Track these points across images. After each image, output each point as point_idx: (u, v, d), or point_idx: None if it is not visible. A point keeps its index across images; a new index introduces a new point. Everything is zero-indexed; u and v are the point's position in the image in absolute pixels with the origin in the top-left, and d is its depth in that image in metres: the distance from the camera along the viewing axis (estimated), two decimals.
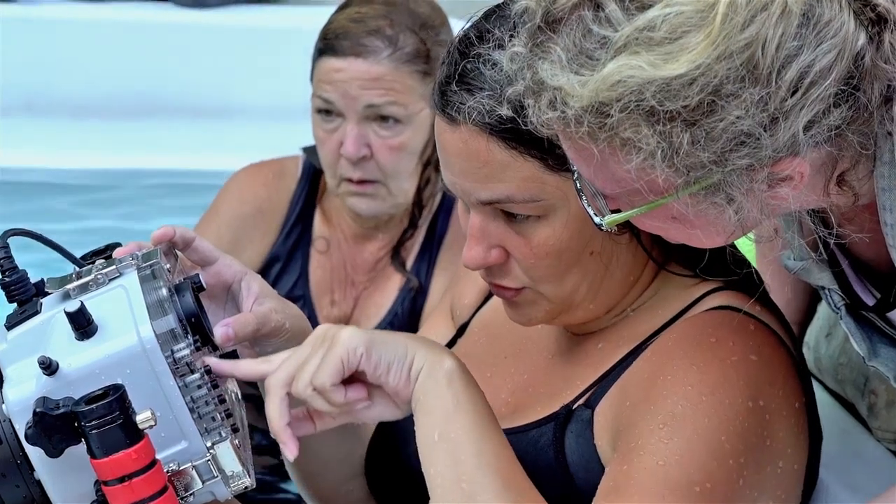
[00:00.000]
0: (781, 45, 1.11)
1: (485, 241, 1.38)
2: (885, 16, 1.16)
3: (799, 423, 1.42)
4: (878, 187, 1.25)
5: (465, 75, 1.34)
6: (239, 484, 1.26)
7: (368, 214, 2.27)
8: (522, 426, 1.45)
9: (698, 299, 1.44)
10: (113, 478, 1.15)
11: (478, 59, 1.33)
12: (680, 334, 1.40)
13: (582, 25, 1.15)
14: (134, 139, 3.85)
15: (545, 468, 1.40)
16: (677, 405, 1.32)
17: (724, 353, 1.36)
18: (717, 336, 1.38)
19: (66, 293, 1.28)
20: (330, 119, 2.21)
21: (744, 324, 1.40)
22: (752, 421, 1.34)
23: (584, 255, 1.38)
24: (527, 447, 1.42)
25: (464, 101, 1.33)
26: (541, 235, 1.37)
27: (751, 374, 1.36)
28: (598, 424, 1.40)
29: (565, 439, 1.41)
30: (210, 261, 1.45)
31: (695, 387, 1.33)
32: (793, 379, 1.42)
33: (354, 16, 2.19)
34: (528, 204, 1.35)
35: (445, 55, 1.38)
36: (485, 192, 1.35)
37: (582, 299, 1.42)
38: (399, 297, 2.31)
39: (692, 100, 1.11)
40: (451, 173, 1.38)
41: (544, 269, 1.38)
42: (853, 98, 1.15)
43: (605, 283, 1.42)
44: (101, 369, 1.21)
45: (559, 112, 1.16)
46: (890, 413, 1.80)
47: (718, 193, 1.17)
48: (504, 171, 1.34)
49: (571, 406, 1.42)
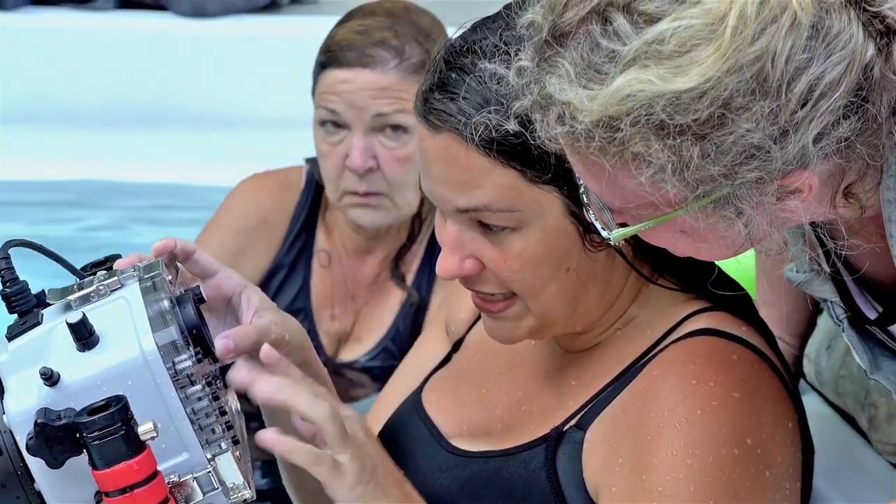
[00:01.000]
0: (791, 58, 1.11)
1: (460, 250, 1.38)
2: (894, 27, 1.16)
3: (795, 441, 1.42)
4: (885, 199, 1.25)
5: (447, 84, 1.35)
6: (239, 496, 1.26)
7: (371, 226, 2.26)
8: (512, 448, 1.45)
9: (683, 320, 1.44)
10: (114, 489, 1.14)
11: (464, 70, 1.34)
12: (662, 371, 1.40)
13: (590, 39, 1.14)
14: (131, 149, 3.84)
15: (539, 492, 1.40)
16: (665, 478, 1.33)
17: (704, 400, 1.36)
18: (697, 376, 1.38)
19: (68, 304, 1.28)
20: (335, 131, 2.21)
21: (726, 354, 1.40)
22: (742, 467, 1.34)
23: (560, 270, 1.38)
24: (518, 470, 1.42)
25: (447, 110, 1.34)
26: (516, 248, 1.36)
27: (734, 417, 1.36)
28: (586, 452, 1.40)
29: (557, 461, 1.41)
30: (210, 273, 1.45)
31: (679, 452, 1.34)
32: (782, 400, 1.42)
33: (358, 28, 2.19)
34: (504, 213, 1.35)
35: (430, 63, 1.39)
36: (462, 199, 1.35)
37: (560, 316, 1.42)
38: (401, 312, 2.31)
39: (702, 113, 1.11)
40: (430, 180, 1.38)
41: (519, 282, 1.38)
42: (862, 110, 1.15)
43: (583, 300, 1.42)
44: (103, 380, 1.21)
45: (568, 127, 1.15)
46: (891, 426, 1.80)
47: (728, 207, 1.17)
48: (483, 177, 1.34)
49: (563, 428, 1.43)
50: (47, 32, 4.11)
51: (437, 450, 1.51)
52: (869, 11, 1.15)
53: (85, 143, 3.83)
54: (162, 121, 3.94)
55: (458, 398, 1.56)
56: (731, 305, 1.44)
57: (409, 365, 1.69)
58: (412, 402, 1.59)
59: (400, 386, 1.65)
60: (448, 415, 1.55)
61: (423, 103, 1.37)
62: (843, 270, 1.39)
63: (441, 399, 1.57)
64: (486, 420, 1.52)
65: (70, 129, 3.83)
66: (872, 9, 1.15)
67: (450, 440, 1.52)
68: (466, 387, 1.57)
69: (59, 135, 3.79)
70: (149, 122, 3.94)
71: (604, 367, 1.45)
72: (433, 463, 1.50)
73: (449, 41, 1.38)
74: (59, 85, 4.01)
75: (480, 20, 1.39)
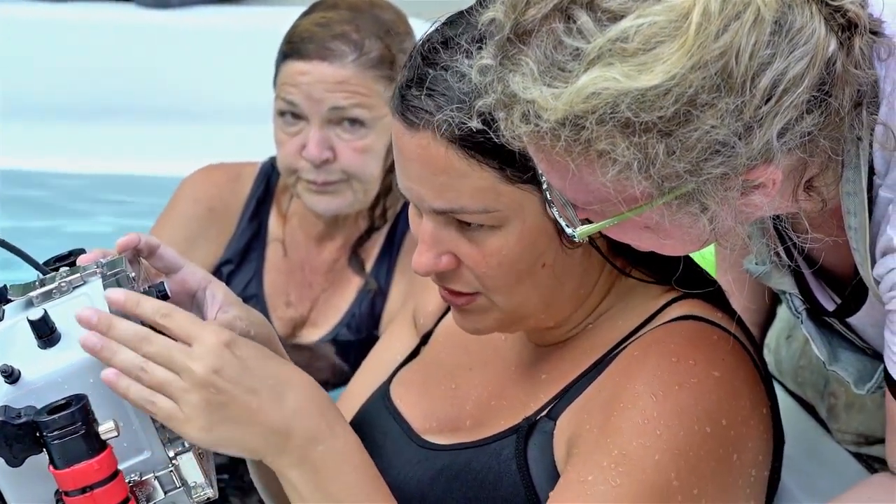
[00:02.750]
0: (755, 54, 1.12)
1: (436, 247, 1.37)
2: (856, 21, 1.17)
3: (767, 429, 1.42)
4: (843, 191, 1.26)
5: (426, 80, 1.33)
6: (202, 495, 1.26)
7: (328, 212, 2.26)
8: (484, 439, 1.45)
9: (661, 309, 1.44)
10: (74, 488, 1.14)
11: (441, 67, 1.32)
12: (643, 350, 1.40)
13: (553, 37, 1.14)
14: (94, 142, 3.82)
15: (509, 481, 1.40)
16: (631, 442, 1.32)
17: (683, 377, 1.36)
18: (678, 354, 1.37)
19: (30, 301, 1.27)
20: (293, 122, 2.21)
21: (706, 335, 1.40)
22: (710, 446, 1.34)
23: (536, 267, 1.38)
24: (489, 460, 1.42)
25: (425, 107, 1.32)
26: (493, 245, 1.36)
27: (712, 395, 1.36)
28: (557, 437, 1.40)
29: (528, 451, 1.41)
30: (175, 268, 1.44)
31: (650, 422, 1.33)
32: (758, 385, 1.42)
33: (320, 20, 2.20)
34: (481, 214, 1.34)
35: (407, 59, 1.37)
36: (439, 201, 1.34)
37: (532, 310, 1.41)
38: (358, 298, 2.31)
39: (667, 110, 1.11)
40: (407, 178, 1.36)
41: (495, 278, 1.38)
42: (825, 104, 1.16)
43: (557, 295, 1.42)
44: (64, 378, 1.21)
45: (532, 125, 1.15)
46: (849, 415, 1.82)
47: (693, 203, 1.17)
48: (460, 180, 1.33)
49: (534, 418, 1.42)
50: (8, 23, 4.08)
51: (407, 444, 1.51)
52: (830, 6, 1.16)
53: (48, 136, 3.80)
54: (126, 113, 3.92)
55: (428, 393, 1.56)
56: (704, 295, 1.45)
57: (376, 358, 1.69)
58: (380, 396, 1.59)
59: (366, 380, 1.65)
60: (418, 409, 1.55)
61: (399, 100, 1.35)
62: (803, 263, 1.40)
63: (410, 393, 1.57)
64: (456, 415, 1.52)
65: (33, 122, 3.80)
66: (834, 3, 1.16)
67: (420, 435, 1.52)
68: (436, 381, 1.57)
69: (21, 127, 3.76)
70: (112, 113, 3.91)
71: (575, 359, 1.45)
72: (403, 457, 1.50)
73: (426, 36, 1.37)
74: (21, 77, 3.97)
75: (457, 13, 1.37)
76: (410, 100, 1.33)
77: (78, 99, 3.95)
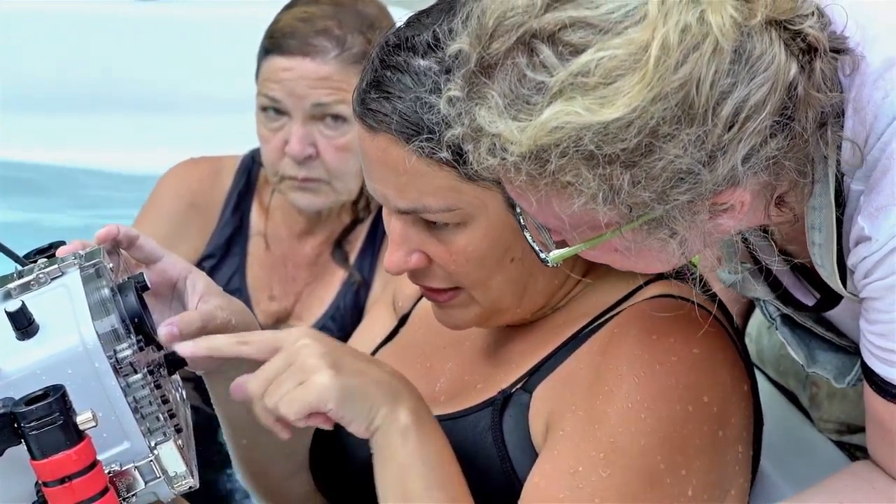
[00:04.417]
0: (715, 83, 1.12)
1: (405, 245, 1.39)
2: (815, 44, 1.18)
3: (749, 406, 1.44)
4: (809, 206, 1.26)
5: (382, 83, 1.35)
6: (182, 484, 1.26)
7: (310, 209, 2.27)
8: (460, 412, 1.46)
9: (638, 288, 1.45)
10: (53, 479, 1.14)
11: (399, 69, 1.34)
12: (622, 327, 1.41)
13: (517, 71, 1.15)
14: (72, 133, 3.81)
15: (484, 453, 1.42)
16: (618, 429, 1.34)
17: (664, 355, 1.37)
18: (658, 331, 1.39)
19: (7, 292, 1.27)
20: (275, 118, 2.20)
21: (685, 312, 1.41)
22: (695, 424, 1.36)
23: (505, 261, 1.40)
24: (465, 432, 1.43)
25: (382, 109, 1.34)
26: (460, 242, 1.38)
27: (692, 373, 1.37)
28: (534, 408, 1.41)
29: (503, 423, 1.42)
30: (154, 259, 1.45)
31: (634, 406, 1.35)
32: (738, 363, 1.44)
33: (302, 15, 2.19)
34: (445, 213, 1.36)
35: (367, 62, 1.39)
36: (402, 201, 1.36)
37: (509, 304, 1.44)
38: (342, 291, 2.32)
39: (630, 142, 1.12)
40: (372, 179, 1.39)
41: (466, 275, 1.40)
42: (788, 128, 1.17)
43: (530, 288, 1.44)
44: (43, 370, 1.20)
45: (499, 158, 1.16)
46: (831, 404, 1.82)
47: (661, 228, 1.18)
48: (421, 180, 1.35)
49: (510, 391, 1.44)
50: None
51: None
52: (790, 30, 1.17)
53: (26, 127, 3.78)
54: (105, 104, 3.90)
55: (403, 372, 1.56)
56: (682, 276, 1.46)
57: (357, 339, 1.72)
58: None
59: None
60: None
61: (359, 104, 1.37)
62: (780, 261, 1.41)
63: None
64: (430, 392, 1.53)
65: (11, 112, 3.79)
66: (794, 28, 1.17)
67: None
68: (411, 361, 1.59)
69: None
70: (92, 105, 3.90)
71: (550, 334, 1.47)
72: None
73: (384, 38, 1.38)
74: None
75: (415, 15, 1.39)
76: (369, 103, 1.36)
77: (56, 90, 3.93)
